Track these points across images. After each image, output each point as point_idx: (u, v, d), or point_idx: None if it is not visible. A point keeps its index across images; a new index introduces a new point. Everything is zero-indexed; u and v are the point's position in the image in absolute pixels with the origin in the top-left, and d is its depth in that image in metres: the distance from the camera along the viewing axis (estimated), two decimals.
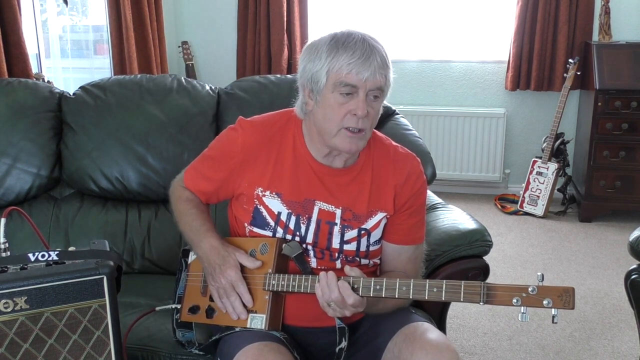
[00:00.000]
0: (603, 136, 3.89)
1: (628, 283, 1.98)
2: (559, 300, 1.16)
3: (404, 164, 1.53)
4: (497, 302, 1.19)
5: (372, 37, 1.40)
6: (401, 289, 1.28)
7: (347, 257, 1.50)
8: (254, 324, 1.42)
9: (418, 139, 2.25)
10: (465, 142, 4.55)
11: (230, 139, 1.55)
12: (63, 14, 4.06)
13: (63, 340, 1.26)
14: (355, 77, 1.34)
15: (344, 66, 1.34)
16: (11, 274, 1.24)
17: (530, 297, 1.17)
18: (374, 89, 1.37)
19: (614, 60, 3.91)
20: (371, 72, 1.34)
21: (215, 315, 1.49)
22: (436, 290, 1.24)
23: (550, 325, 2.77)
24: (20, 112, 2.15)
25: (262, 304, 1.42)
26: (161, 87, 2.26)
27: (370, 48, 1.35)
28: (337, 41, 1.37)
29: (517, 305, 1.17)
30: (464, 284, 1.22)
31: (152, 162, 2.16)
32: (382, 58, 1.36)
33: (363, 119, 1.37)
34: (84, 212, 2.16)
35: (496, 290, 1.19)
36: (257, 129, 1.52)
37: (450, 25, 4.58)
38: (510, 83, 4.37)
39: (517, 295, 1.17)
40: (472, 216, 1.99)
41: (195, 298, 1.56)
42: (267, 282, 1.42)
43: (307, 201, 1.48)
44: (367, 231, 1.49)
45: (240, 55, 4.72)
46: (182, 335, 1.58)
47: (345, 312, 1.34)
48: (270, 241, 1.46)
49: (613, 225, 4.02)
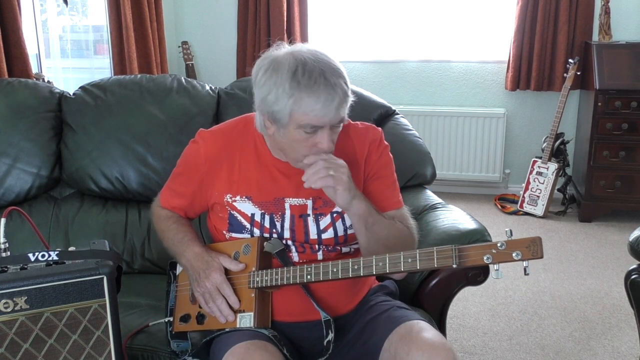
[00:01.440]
0: (603, 136, 3.89)
1: (628, 283, 1.98)
2: (528, 251, 1.18)
3: (364, 137, 1.55)
4: (470, 263, 1.21)
5: (329, 63, 1.35)
6: (378, 264, 1.30)
7: (327, 246, 1.51)
8: (243, 323, 1.43)
9: (418, 139, 2.25)
10: (465, 142, 4.55)
11: (192, 152, 1.58)
12: (63, 14, 4.06)
13: (63, 340, 1.26)
14: (320, 120, 1.34)
15: (309, 111, 1.32)
16: (11, 274, 1.24)
17: (500, 252, 1.19)
18: (337, 122, 1.38)
19: (614, 60, 3.90)
20: (334, 112, 1.34)
21: (205, 320, 1.51)
22: (411, 260, 1.26)
23: (550, 325, 2.77)
24: (20, 112, 2.15)
25: (249, 302, 1.44)
26: (161, 87, 2.26)
27: (332, 87, 1.32)
28: (299, 81, 1.32)
29: (489, 262, 1.20)
30: (436, 249, 1.24)
31: (152, 162, 2.16)
32: (343, 92, 1.34)
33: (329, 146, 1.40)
34: (84, 212, 2.16)
35: (468, 251, 1.22)
36: (216, 138, 1.55)
37: (450, 25, 4.58)
38: (510, 83, 4.37)
39: (487, 252, 1.20)
40: (472, 216, 1.99)
41: (186, 307, 1.58)
42: (252, 279, 1.44)
43: (277, 200, 1.50)
44: (339, 213, 1.51)
45: (240, 55, 4.72)
46: (177, 345, 1.59)
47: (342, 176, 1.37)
48: (251, 241, 1.48)
49: (613, 225, 4.02)
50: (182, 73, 4.65)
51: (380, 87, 4.64)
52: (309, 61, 1.34)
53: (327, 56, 1.38)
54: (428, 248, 1.25)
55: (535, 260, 1.20)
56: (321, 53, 1.38)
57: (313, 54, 1.37)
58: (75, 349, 1.27)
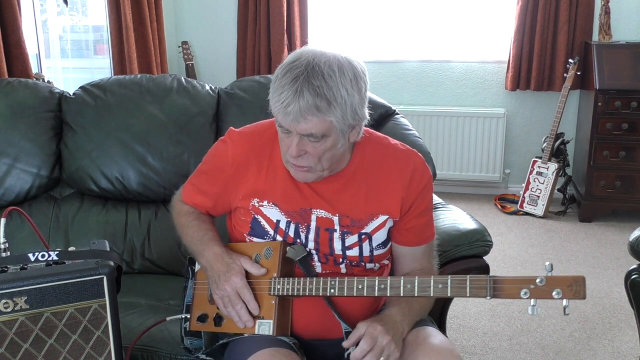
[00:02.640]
0: (603, 136, 3.89)
1: (628, 283, 1.98)
2: (569, 291, 1.10)
3: (406, 162, 1.46)
4: (505, 296, 1.14)
5: (321, 68, 1.25)
6: (406, 286, 1.25)
7: (351, 262, 1.46)
8: (262, 330, 1.39)
9: (418, 139, 2.25)
10: (465, 142, 4.55)
11: (220, 152, 1.52)
12: (63, 14, 4.06)
13: (63, 340, 1.26)
14: (283, 120, 1.28)
15: (274, 108, 1.28)
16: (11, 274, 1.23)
17: (539, 288, 1.12)
18: (305, 134, 1.28)
19: (614, 60, 3.90)
20: (293, 118, 1.25)
21: (223, 323, 1.47)
22: (441, 286, 1.20)
23: (550, 325, 2.77)
24: (20, 112, 2.15)
25: (268, 309, 1.39)
26: (161, 87, 2.25)
27: (299, 92, 1.23)
28: (278, 76, 1.27)
29: (525, 298, 1.13)
30: (469, 278, 1.18)
31: (152, 162, 2.16)
32: (307, 103, 1.23)
33: (302, 158, 1.32)
34: (84, 212, 2.16)
35: (503, 283, 1.15)
36: (246, 140, 1.49)
37: (450, 25, 4.58)
38: (510, 83, 4.37)
39: (525, 287, 1.13)
40: (472, 216, 1.99)
41: (203, 307, 1.53)
42: (273, 286, 1.39)
43: (304, 210, 1.44)
44: (368, 235, 1.45)
45: (240, 55, 4.72)
46: (191, 343, 1.55)
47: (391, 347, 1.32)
48: (274, 245, 1.43)
49: (613, 225, 4.02)
50: (182, 73, 4.65)
51: (380, 87, 4.64)
52: (305, 60, 1.26)
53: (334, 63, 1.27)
54: (461, 276, 1.20)
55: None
56: (338, 58, 1.28)
57: (323, 55, 1.27)
58: (75, 349, 1.27)
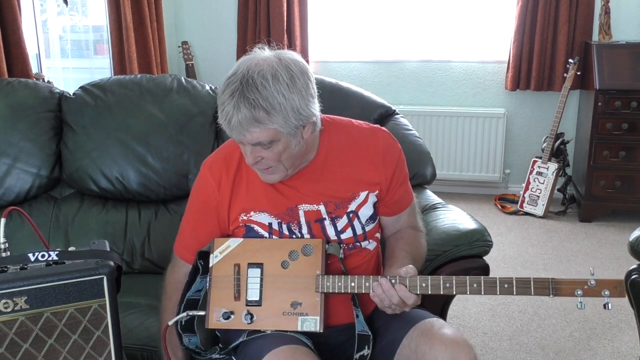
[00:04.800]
0: (603, 136, 3.89)
1: (628, 283, 1.98)
2: (615, 291, 1.32)
3: (374, 139, 1.53)
4: (562, 294, 1.33)
5: (255, 79, 1.30)
6: (472, 285, 1.36)
7: (347, 245, 1.51)
8: (306, 326, 1.41)
9: (418, 139, 2.25)
10: (465, 142, 4.55)
11: (203, 185, 1.55)
12: (63, 14, 4.06)
13: (63, 340, 1.26)
14: (231, 134, 1.35)
15: (220, 122, 1.34)
16: (11, 274, 1.23)
17: (591, 288, 1.32)
18: (254, 143, 1.34)
19: (614, 60, 3.90)
20: (237, 132, 1.32)
21: (254, 319, 1.45)
22: (507, 286, 1.35)
23: (550, 325, 2.77)
24: (20, 112, 2.15)
25: (313, 306, 1.41)
26: (161, 87, 2.26)
27: (236, 107, 1.29)
28: (221, 90, 1.34)
29: (578, 295, 1.32)
30: (533, 279, 1.34)
31: (152, 162, 2.16)
32: (246, 117, 1.29)
33: (260, 163, 1.39)
34: (84, 212, 2.16)
35: (562, 284, 1.33)
36: (220, 163, 1.53)
37: (450, 25, 4.58)
38: (510, 83, 4.37)
39: (579, 288, 1.32)
40: (472, 216, 1.99)
41: (227, 304, 1.48)
42: (320, 283, 1.42)
43: (290, 209, 1.49)
44: (354, 212, 1.50)
45: (240, 55, 4.71)
46: (189, 340, 1.52)
47: (405, 309, 1.40)
48: (314, 242, 1.45)
49: (613, 225, 4.02)
50: (182, 73, 4.65)
51: (380, 87, 4.64)
52: (240, 74, 1.32)
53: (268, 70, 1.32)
54: (524, 278, 1.34)
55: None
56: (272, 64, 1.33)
57: (257, 65, 1.32)
58: (75, 349, 1.27)
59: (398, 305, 1.37)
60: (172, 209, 2.19)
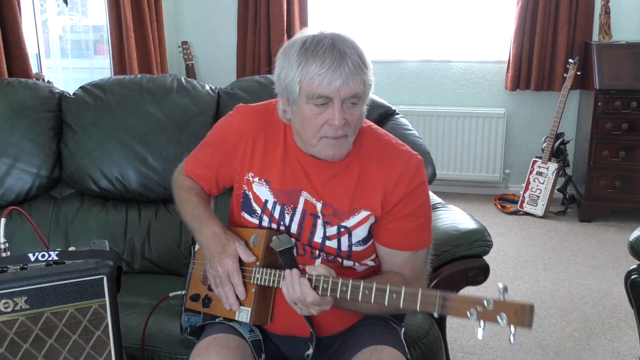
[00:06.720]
0: (603, 136, 3.89)
1: (628, 283, 1.98)
2: (515, 318, 1.06)
3: (397, 162, 1.43)
4: (453, 313, 1.13)
5: (345, 37, 1.32)
6: (364, 292, 1.24)
7: (327, 255, 1.45)
8: (241, 317, 1.43)
9: (418, 139, 2.24)
10: (465, 142, 4.55)
11: (225, 124, 1.56)
12: (63, 14, 4.06)
13: (63, 340, 1.26)
14: (326, 88, 1.28)
15: (315, 77, 1.28)
16: (11, 274, 1.24)
17: (486, 311, 1.09)
18: (349, 96, 1.30)
19: (614, 60, 3.91)
20: (343, 81, 1.28)
21: (211, 305, 1.52)
22: (395, 296, 1.20)
23: (550, 325, 2.77)
24: (20, 112, 2.15)
25: (249, 297, 1.43)
26: (161, 87, 2.26)
27: (340, 55, 1.28)
28: (306, 49, 1.30)
29: (472, 318, 1.10)
30: (421, 292, 1.17)
31: (152, 162, 2.16)
32: (354, 63, 1.29)
33: (342, 128, 1.33)
34: (84, 212, 2.16)
35: (452, 301, 1.14)
36: (252, 115, 1.52)
37: (450, 25, 4.58)
38: (510, 83, 4.37)
39: (472, 307, 1.10)
40: (472, 216, 1.99)
41: (197, 287, 1.59)
42: (253, 275, 1.41)
43: (294, 191, 1.46)
44: (348, 229, 1.43)
45: (240, 55, 4.72)
46: (188, 319, 1.59)
47: (311, 310, 1.31)
48: (261, 233, 1.44)
49: (613, 225, 4.02)
50: (182, 73, 4.65)
51: (380, 87, 4.64)
52: (321, 34, 1.32)
53: (348, 36, 1.34)
54: (414, 289, 1.19)
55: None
56: (342, 33, 1.34)
57: (331, 31, 1.34)
58: (75, 349, 1.27)
59: (299, 301, 1.30)
60: (172, 209, 2.19)
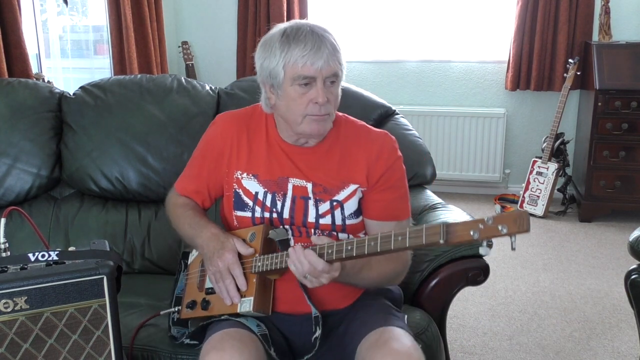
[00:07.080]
0: (603, 136, 3.89)
1: (628, 283, 1.98)
2: (514, 225, 1.12)
3: (375, 140, 1.59)
4: (458, 239, 1.18)
5: (319, 26, 1.47)
6: (370, 244, 1.29)
7: (323, 232, 1.54)
8: (243, 307, 1.45)
9: (418, 139, 2.25)
10: (465, 142, 4.55)
11: (210, 133, 1.67)
12: (63, 14, 4.06)
13: (63, 340, 1.26)
14: (310, 69, 1.42)
15: (299, 59, 1.42)
16: (11, 274, 1.24)
17: (488, 227, 1.14)
18: (330, 75, 1.44)
19: (614, 60, 3.91)
20: (324, 61, 1.42)
21: (209, 307, 1.54)
22: (401, 238, 1.25)
23: (550, 325, 2.77)
24: (20, 112, 2.15)
25: (250, 287, 1.46)
26: (161, 87, 2.26)
27: (319, 38, 1.43)
28: (287, 36, 1.44)
29: (476, 238, 1.15)
30: (425, 227, 1.22)
31: (152, 162, 2.16)
32: (332, 45, 1.44)
33: (325, 105, 1.46)
34: (84, 212, 2.16)
35: (455, 227, 1.18)
36: (232, 118, 1.65)
37: (450, 25, 4.58)
38: (510, 83, 4.37)
39: (474, 228, 1.15)
40: (472, 216, 1.99)
41: (193, 294, 1.61)
42: (254, 264, 1.46)
43: (281, 179, 1.56)
44: (340, 203, 1.54)
45: (240, 55, 4.72)
46: (177, 332, 1.63)
47: (322, 280, 1.35)
48: (257, 229, 1.52)
49: (613, 225, 4.02)
50: (182, 73, 4.65)
51: (380, 87, 4.64)
52: (297, 23, 1.46)
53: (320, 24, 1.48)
54: (418, 226, 1.24)
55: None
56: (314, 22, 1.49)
57: (304, 20, 1.49)
58: (75, 349, 1.27)
59: (310, 272, 1.34)
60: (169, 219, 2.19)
